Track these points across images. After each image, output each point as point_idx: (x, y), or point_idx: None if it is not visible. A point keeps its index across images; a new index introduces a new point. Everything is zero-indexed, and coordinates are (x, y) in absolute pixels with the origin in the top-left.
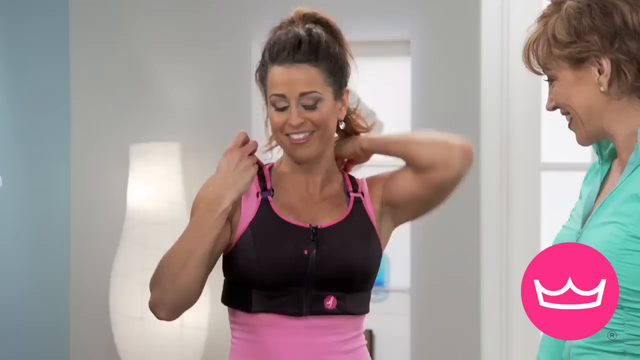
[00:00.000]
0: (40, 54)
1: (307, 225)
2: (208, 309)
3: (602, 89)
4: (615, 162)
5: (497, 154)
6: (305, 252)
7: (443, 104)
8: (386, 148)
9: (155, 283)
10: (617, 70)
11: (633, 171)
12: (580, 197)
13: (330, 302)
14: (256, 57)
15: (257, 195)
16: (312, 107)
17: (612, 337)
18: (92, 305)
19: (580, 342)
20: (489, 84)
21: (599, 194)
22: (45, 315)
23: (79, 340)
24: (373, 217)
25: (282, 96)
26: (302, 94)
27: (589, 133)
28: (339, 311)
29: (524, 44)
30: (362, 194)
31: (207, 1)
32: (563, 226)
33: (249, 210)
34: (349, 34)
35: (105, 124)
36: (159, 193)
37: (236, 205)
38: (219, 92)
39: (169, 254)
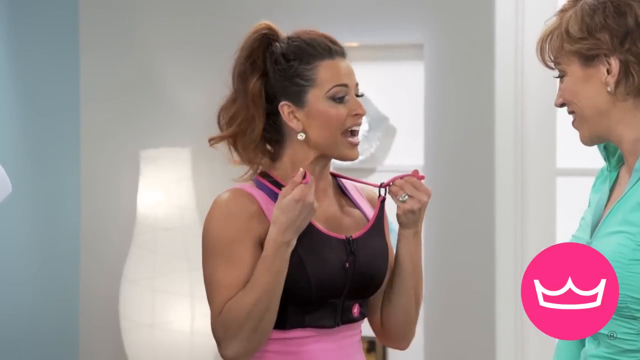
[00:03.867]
0: (50, 58)
1: (344, 237)
2: None
3: (608, 89)
4: (623, 169)
5: (512, 159)
6: (347, 265)
7: (457, 108)
8: (411, 256)
9: (233, 336)
10: (625, 71)
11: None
12: (589, 205)
13: (356, 310)
14: None
15: None
16: (360, 97)
17: (612, 337)
18: (101, 312)
19: (596, 352)
20: (504, 88)
21: (607, 202)
22: (54, 322)
23: (89, 347)
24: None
25: (345, 86)
26: (356, 85)
27: (593, 133)
28: (361, 317)
29: (539, 36)
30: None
31: (218, 5)
32: (572, 235)
33: None
34: (361, 38)
35: (115, 129)
36: (170, 199)
37: (266, 227)
38: None
39: (245, 308)
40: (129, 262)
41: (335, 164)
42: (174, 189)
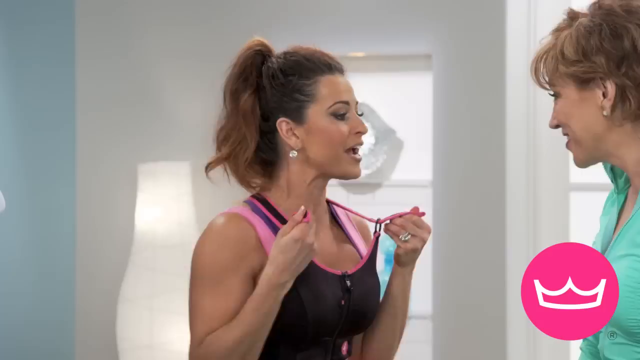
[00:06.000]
0: (45, 69)
1: (339, 273)
2: None
3: (604, 112)
4: (631, 190)
5: (524, 173)
6: (343, 302)
7: (466, 121)
8: (403, 293)
9: None
10: (622, 96)
11: None
12: (600, 229)
13: (345, 348)
14: None
15: None
16: (360, 116)
17: (612, 338)
18: (98, 333)
19: None
20: (515, 100)
21: (616, 225)
22: (49, 343)
23: None
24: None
25: (347, 104)
26: (357, 103)
27: (587, 156)
28: (349, 355)
29: (534, 56)
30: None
31: (218, 15)
32: None
33: None
34: (368, 47)
35: (113, 142)
36: (169, 214)
37: (262, 259)
38: None
39: (227, 345)
40: (126, 280)
41: (340, 179)
42: (173, 204)
